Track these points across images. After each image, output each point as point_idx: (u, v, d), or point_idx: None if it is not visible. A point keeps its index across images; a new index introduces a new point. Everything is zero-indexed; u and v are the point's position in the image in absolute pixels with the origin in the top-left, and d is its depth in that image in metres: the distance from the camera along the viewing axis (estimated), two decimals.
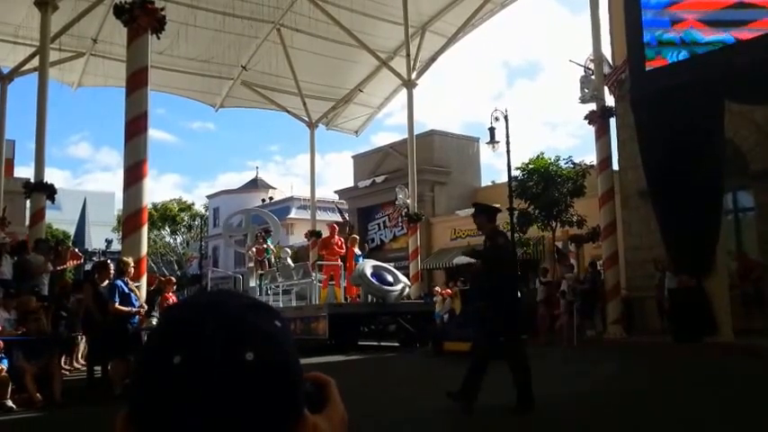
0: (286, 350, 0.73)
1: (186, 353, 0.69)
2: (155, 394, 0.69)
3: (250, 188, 57.50)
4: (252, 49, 22.68)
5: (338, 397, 0.82)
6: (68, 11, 16.94)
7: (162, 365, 0.69)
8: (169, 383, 0.68)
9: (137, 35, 11.14)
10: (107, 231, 52.87)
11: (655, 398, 7.43)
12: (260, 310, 0.76)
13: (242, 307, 0.75)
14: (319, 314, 15.30)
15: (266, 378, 0.69)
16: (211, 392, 0.67)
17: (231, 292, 0.80)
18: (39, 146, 15.47)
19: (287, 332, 0.77)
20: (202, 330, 0.70)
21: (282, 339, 0.74)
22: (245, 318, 0.73)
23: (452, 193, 32.88)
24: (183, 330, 0.71)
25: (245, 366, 0.68)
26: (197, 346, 0.69)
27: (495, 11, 22.01)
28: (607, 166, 17.31)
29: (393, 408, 7.16)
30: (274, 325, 0.75)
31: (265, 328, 0.73)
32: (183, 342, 0.70)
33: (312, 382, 0.81)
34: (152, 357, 0.71)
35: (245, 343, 0.70)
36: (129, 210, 10.97)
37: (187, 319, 0.73)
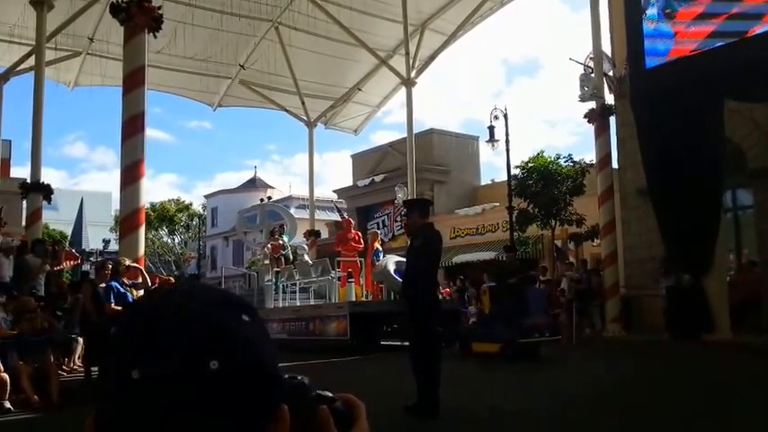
0: (255, 348, 0.69)
1: (145, 367, 0.64)
2: (117, 409, 0.66)
3: (248, 188, 57.41)
4: (250, 47, 22.61)
5: (365, 421, 0.81)
6: (64, 10, 16.87)
7: (121, 380, 0.65)
8: (130, 399, 0.64)
9: (133, 34, 11.07)
10: (104, 231, 52.73)
11: (653, 395, 7.38)
12: (224, 307, 0.71)
13: (204, 307, 0.69)
14: (339, 313, 14.75)
15: (234, 385, 0.66)
16: (174, 407, 0.64)
17: (192, 289, 0.74)
18: (35, 146, 15.41)
19: (257, 326, 0.72)
20: (161, 340, 0.66)
21: (251, 336, 0.70)
22: (208, 320, 0.68)
23: (452, 191, 32.83)
24: (141, 340, 0.67)
25: (209, 377, 0.64)
26: (156, 358, 0.65)
27: (495, 9, 21.94)
28: (607, 164, 17.28)
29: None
30: (242, 321, 0.70)
31: (231, 328, 0.68)
32: (142, 354, 0.66)
33: (344, 402, 0.80)
34: (111, 371, 0.68)
35: (207, 350, 0.65)
36: (127, 210, 10.91)
37: (145, 326, 0.68)
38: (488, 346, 11.84)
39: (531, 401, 7.38)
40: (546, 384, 8.68)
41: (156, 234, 49.95)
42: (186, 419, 0.64)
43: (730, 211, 17.48)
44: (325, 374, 10.02)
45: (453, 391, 7.38)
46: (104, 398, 0.68)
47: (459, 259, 27.83)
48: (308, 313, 15.85)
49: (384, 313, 15.26)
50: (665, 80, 13.80)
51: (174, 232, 52.51)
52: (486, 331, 12.32)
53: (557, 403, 7.16)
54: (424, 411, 6.26)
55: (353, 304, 14.99)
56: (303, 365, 11.25)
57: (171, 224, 51.26)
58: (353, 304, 14.99)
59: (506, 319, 11.72)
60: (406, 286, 7.26)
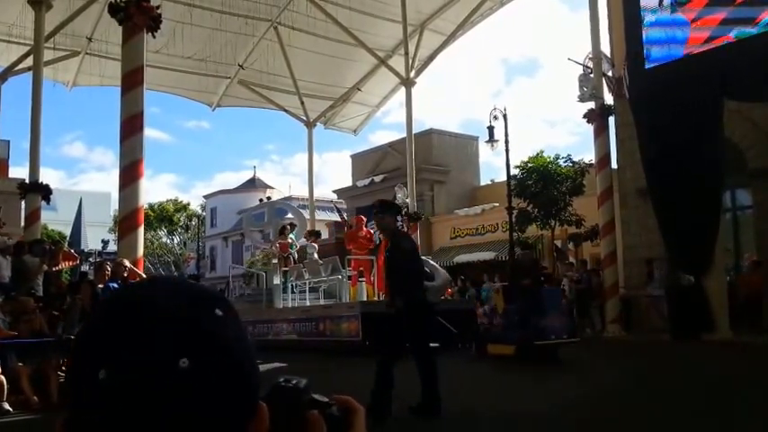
0: (229, 344, 0.66)
1: (112, 366, 0.62)
2: (84, 410, 0.63)
3: (248, 188, 57.38)
4: (249, 47, 22.58)
5: (363, 427, 0.78)
6: (63, 9, 16.85)
7: (88, 380, 0.63)
8: (97, 400, 0.62)
9: (132, 34, 11.03)
10: (103, 232, 52.72)
11: (654, 396, 7.36)
12: (196, 302, 0.67)
13: (174, 301, 0.66)
14: (351, 313, 14.32)
15: (206, 383, 0.63)
16: (143, 408, 0.61)
17: (163, 282, 0.71)
18: (33, 146, 15.36)
19: (230, 321, 0.68)
20: (126, 337, 0.63)
21: (225, 334, 0.67)
22: (178, 316, 0.65)
23: (452, 191, 32.82)
24: (107, 339, 0.64)
25: (178, 375, 0.62)
26: (123, 358, 0.62)
27: (495, 8, 21.92)
28: (606, 164, 17.26)
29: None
30: (215, 316, 0.67)
31: (203, 324, 0.66)
32: (108, 353, 0.63)
33: (340, 407, 0.77)
34: (78, 370, 0.65)
35: (177, 348, 0.63)
36: (126, 210, 10.88)
37: (112, 324, 0.65)
38: (503, 348, 11.36)
39: (532, 403, 7.35)
40: (546, 385, 8.65)
41: (155, 234, 49.91)
42: (156, 420, 0.61)
43: (729, 211, 17.47)
44: (336, 376, 9.92)
45: (460, 393, 7.36)
46: (71, 398, 0.65)
47: (459, 259, 27.82)
48: (318, 313, 15.48)
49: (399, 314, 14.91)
50: (665, 80, 13.79)
51: (174, 233, 52.46)
52: (501, 332, 11.97)
53: (557, 405, 7.13)
54: (429, 410, 6.26)
55: (365, 304, 14.58)
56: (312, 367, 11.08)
57: (170, 224, 51.22)
58: (365, 304, 14.58)
59: (521, 320, 11.30)
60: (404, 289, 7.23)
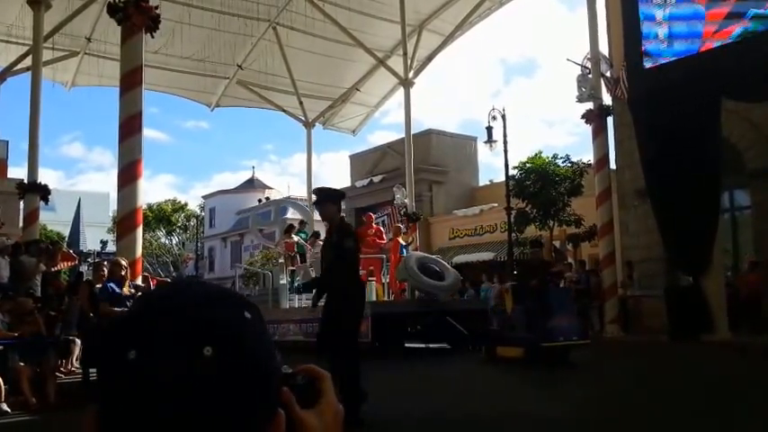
0: (252, 343, 0.70)
1: (140, 347, 0.67)
2: (113, 390, 0.67)
3: (247, 188, 57.42)
4: (248, 47, 22.56)
5: (333, 392, 0.79)
6: (62, 9, 16.81)
7: (118, 361, 0.67)
8: (125, 379, 0.66)
9: (131, 34, 11.02)
10: (102, 232, 52.73)
11: (654, 397, 7.37)
12: (225, 301, 0.73)
13: (203, 298, 0.72)
14: None
15: (227, 373, 0.67)
16: (167, 388, 0.65)
17: (196, 282, 0.76)
18: (32, 146, 15.34)
19: (257, 324, 0.73)
20: (158, 324, 0.68)
21: (249, 332, 0.71)
22: (207, 310, 0.70)
23: (450, 192, 32.84)
24: (139, 324, 0.70)
25: (202, 361, 0.66)
26: (152, 341, 0.67)
27: (494, 9, 21.90)
28: (604, 165, 17.25)
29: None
30: (241, 316, 0.72)
31: (228, 321, 0.70)
32: (138, 337, 0.68)
33: (304, 376, 0.78)
34: (109, 352, 0.69)
35: (203, 337, 0.67)
36: (124, 211, 10.87)
37: (144, 312, 0.71)
38: (512, 351, 10.92)
39: (530, 405, 7.35)
40: (545, 387, 8.65)
41: (154, 235, 49.89)
42: (179, 401, 0.65)
43: (728, 212, 17.50)
44: None
45: (462, 396, 7.37)
46: (101, 381, 0.69)
47: (458, 260, 27.82)
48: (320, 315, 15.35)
49: (409, 314, 14.33)
50: (663, 80, 13.79)
51: (172, 233, 52.44)
52: (510, 334, 11.43)
53: (556, 407, 7.14)
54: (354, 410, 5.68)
55: (375, 305, 14.10)
56: None
57: (169, 225, 51.19)
58: (375, 305, 14.10)
59: (528, 321, 10.88)
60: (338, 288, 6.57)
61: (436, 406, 7.23)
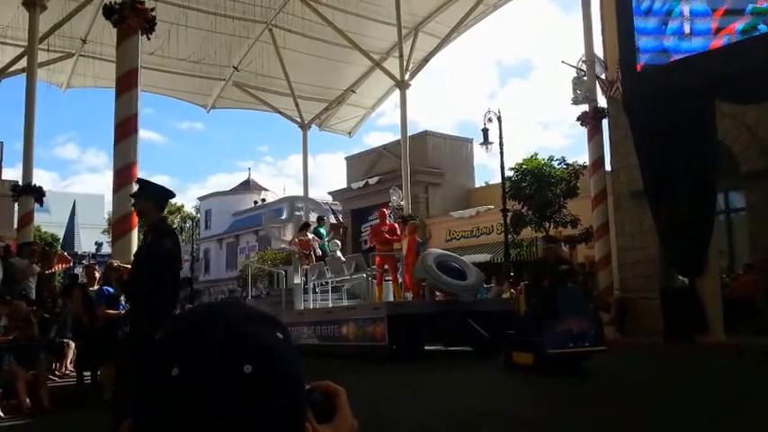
0: (287, 362, 0.74)
1: (184, 365, 0.69)
2: (154, 406, 0.70)
3: (242, 190, 57.37)
4: (243, 49, 22.55)
5: (348, 408, 0.82)
6: (57, 11, 16.78)
7: (161, 377, 0.70)
8: (168, 396, 0.69)
9: (126, 36, 11.01)
10: (97, 234, 52.58)
11: (652, 398, 7.36)
12: (261, 322, 0.76)
13: (242, 319, 0.75)
14: (376, 315, 12.95)
15: (265, 390, 0.70)
16: (210, 405, 0.68)
17: (231, 304, 0.80)
18: (27, 148, 15.31)
19: (289, 344, 0.77)
20: (201, 342, 0.71)
21: (284, 351, 0.75)
22: (245, 330, 0.73)
23: (446, 194, 32.84)
24: (181, 343, 0.72)
25: (243, 379, 0.69)
26: (195, 358, 0.70)
27: (488, 12, 21.95)
28: (600, 166, 17.30)
29: None
30: (276, 337, 0.75)
31: (266, 341, 0.74)
32: (182, 354, 0.71)
33: (321, 392, 0.82)
34: (151, 369, 0.72)
35: (243, 355, 0.70)
36: (119, 213, 10.84)
37: (186, 331, 0.74)
38: (525, 357, 9.97)
39: (527, 408, 7.34)
40: (542, 390, 8.64)
41: None
42: (220, 417, 0.68)
43: (722, 214, 17.53)
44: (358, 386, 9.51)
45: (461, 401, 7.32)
46: (141, 397, 0.72)
47: None
48: (340, 316, 14.27)
49: (428, 315, 13.09)
50: (658, 82, 13.81)
51: None
52: (522, 339, 10.35)
53: (554, 410, 7.13)
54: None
55: (392, 305, 13.42)
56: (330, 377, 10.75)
57: None
58: (392, 305, 13.42)
59: (538, 325, 9.92)
60: (141, 291, 5.63)
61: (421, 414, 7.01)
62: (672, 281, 15.57)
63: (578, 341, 9.51)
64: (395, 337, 12.41)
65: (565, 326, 9.54)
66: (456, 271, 13.58)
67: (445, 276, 13.13)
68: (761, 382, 8.11)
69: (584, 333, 9.63)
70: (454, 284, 13.19)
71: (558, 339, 9.47)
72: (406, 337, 12.65)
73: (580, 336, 9.55)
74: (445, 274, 13.19)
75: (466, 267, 14.09)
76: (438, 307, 13.39)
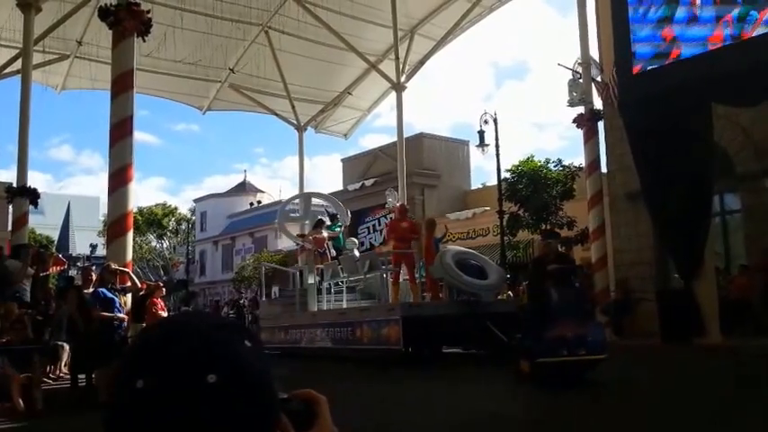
0: (254, 371, 0.74)
1: (148, 377, 0.70)
2: (121, 419, 0.71)
3: (238, 191, 57.27)
4: (239, 51, 22.54)
5: (328, 416, 0.82)
6: (52, 13, 16.73)
7: (126, 390, 0.70)
8: (133, 408, 0.69)
9: (122, 38, 10.97)
10: (92, 236, 52.51)
11: (648, 399, 7.35)
12: (228, 330, 0.76)
13: (208, 328, 0.75)
14: (390, 317, 12.18)
15: (231, 400, 0.70)
16: (174, 416, 0.68)
17: (198, 314, 0.84)
18: (22, 150, 15.25)
19: (258, 352, 0.77)
20: (165, 353, 0.71)
21: (251, 360, 0.74)
22: (210, 339, 0.73)
23: (442, 196, 32.87)
24: (146, 354, 0.73)
25: (207, 389, 0.69)
26: (158, 370, 0.70)
27: (485, 14, 21.96)
28: (595, 168, 17.29)
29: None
30: (243, 345, 0.75)
31: (232, 350, 0.74)
32: (146, 366, 0.71)
33: (301, 400, 0.81)
34: (119, 381, 0.73)
35: (207, 365, 0.70)
36: (115, 215, 10.81)
37: (152, 342, 0.75)
38: (524, 365, 8.92)
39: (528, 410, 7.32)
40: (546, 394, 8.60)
41: (145, 239, 49.70)
42: (186, 426, 0.68)
43: (718, 215, 17.55)
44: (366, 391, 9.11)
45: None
46: (110, 408, 0.72)
47: None
48: (353, 317, 13.57)
49: (445, 317, 12.16)
50: (654, 84, 13.81)
51: (163, 237, 52.25)
52: (522, 344, 9.42)
53: (556, 413, 7.11)
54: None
55: (407, 306, 12.60)
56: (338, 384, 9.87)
57: (159, 228, 51.01)
58: (407, 306, 12.60)
59: (531, 330, 9.16)
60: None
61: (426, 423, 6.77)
62: (668, 282, 15.57)
63: (573, 348, 8.28)
64: (410, 340, 11.76)
65: (558, 331, 8.38)
66: (476, 269, 12.93)
67: (464, 275, 12.41)
68: (758, 385, 8.10)
69: (581, 339, 8.36)
70: (474, 284, 12.50)
71: (550, 346, 8.33)
72: (421, 340, 12.00)
73: (576, 342, 8.32)
74: (464, 272, 12.45)
75: (486, 265, 13.46)
76: (456, 308, 12.53)
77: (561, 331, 8.31)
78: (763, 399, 7.03)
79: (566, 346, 8.24)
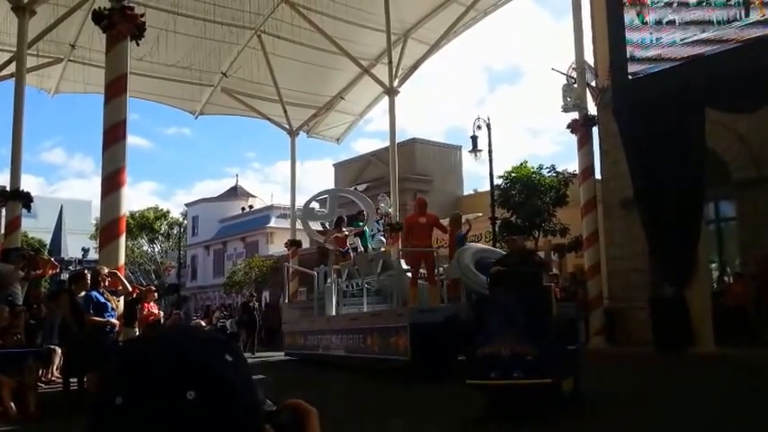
0: (235, 386, 0.73)
1: (127, 393, 0.70)
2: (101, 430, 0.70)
3: (230, 196, 57.07)
4: (232, 55, 22.51)
5: (317, 428, 0.82)
6: (46, 16, 16.68)
7: (106, 407, 0.70)
8: (112, 425, 0.69)
9: (116, 41, 10.93)
10: (84, 240, 52.21)
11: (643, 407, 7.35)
12: (209, 345, 0.76)
13: (188, 343, 0.75)
14: (399, 324, 11.08)
15: (210, 416, 0.70)
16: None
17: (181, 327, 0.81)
18: (15, 153, 15.17)
19: (239, 366, 0.76)
20: (144, 370, 0.71)
21: (232, 374, 0.74)
22: (190, 355, 0.73)
23: (435, 201, 32.64)
24: (125, 370, 0.73)
25: (186, 406, 0.69)
26: (137, 387, 0.70)
27: (478, 18, 22.00)
28: (589, 175, 17.25)
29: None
30: (224, 360, 0.75)
31: (212, 364, 0.73)
32: (125, 382, 0.71)
33: (290, 413, 0.81)
34: (99, 397, 0.72)
35: (186, 381, 0.70)
36: (107, 219, 10.76)
37: (131, 358, 0.74)
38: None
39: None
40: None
41: (136, 243, 49.49)
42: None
43: (713, 223, 17.57)
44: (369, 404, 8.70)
45: None
46: (89, 425, 0.72)
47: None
48: (365, 323, 12.49)
49: (459, 322, 10.61)
50: (647, 90, 13.85)
51: (155, 241, 52.05)
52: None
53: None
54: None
55: (417, 312, 11.30)
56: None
57: (151, 232, 50.81)
58: (417, 312, 11.30)
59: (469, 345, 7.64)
60: None
61: None
62: (661, 290, 15.56)
63: (507, 369, 6.75)
64: (419, 349, 10.55)
65: (491, 347, 6.96)
66: None
67: (482, 276, 11.03)
68: (745, 396, 8.10)
69: (518, 359, 6.77)
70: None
71: (480, 366, 6.95)
72: (431, 349, 10.53)
73: (511, 362, 6.77)
74: (484, 273, 10.89)
75: None
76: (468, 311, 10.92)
77: (495, 348, 6.90)
78: (750, 410, 7.02)
79: (498, 367, 6.77)
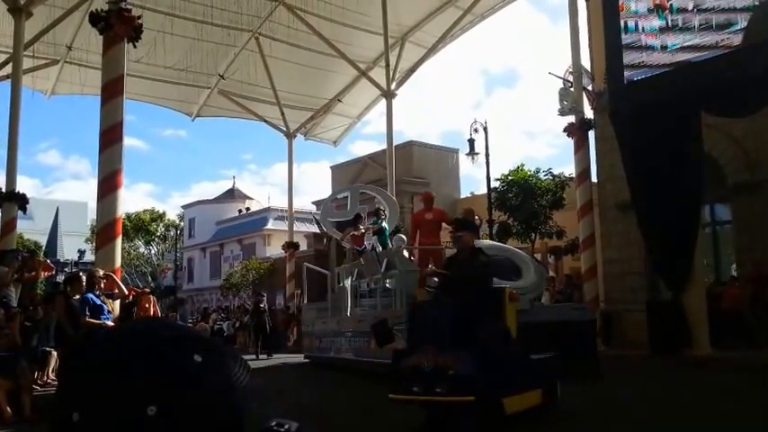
0: (202, 391, 0.68)
1: (84, 410, 0.65)
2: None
3: (226, 198, 57.04)
4: (230, 57, 22.51)
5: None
6: (43, 18, 16.67)
7: (63, 423, 0.66)
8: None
9: (113, 43, 10.93)
10: (80, 242, 52.17)
11: (639, 410, 7.35)
12: (176, 347, 0.69)
13: (152, 347, 0.69)
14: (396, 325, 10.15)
15: (173, 429, 0.65)
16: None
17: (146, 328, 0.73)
18: (11, 155, 15.14)
19: (210, 366, 0.70)
20: (99, 384, 0.66)
21: (199, 378, 0.69)
22: (151, 364, 0.67)
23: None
24: (81, 384, 0.68)
25: (145, 422, 0.64)
26: (95, 403, 0.65)
27: (476, 22, 22.04)
28: (586, 178, 17.29)
29: None
30: (192, 362, 0.69)
31: (177, 371, 0.68)
32: (82, 397, 0.66)
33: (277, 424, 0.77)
34: (55, 413, 0.68)
35: (146, 396, 0.65)
36: (104, 220, 10.75)
37: (87, 371, 0.68)
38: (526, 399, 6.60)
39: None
40: None
41: (133, 245, 49.43)
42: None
43: (709, 226, 17.60)
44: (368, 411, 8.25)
45: None
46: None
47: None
48: (366, 329, 11.59)
49: None
50: (644, 95, 13.86)
51: (151, 243, 51.98)
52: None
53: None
54: None
55: None
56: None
57: (147, 234, 50.74)
58: None
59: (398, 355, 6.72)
60: None
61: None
62: (658, 293, 15.57)
63: (429, 384, 5.88)
64: None
65: (415, 359, 6.10)
66: (511, 268, 10.68)
67: None
68: (738, 399, 8.10)
69: (440, 372, 5.87)
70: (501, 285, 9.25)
71: (403, 379, 6.17)
72: None
73: (433, 376, 5.89)
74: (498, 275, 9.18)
75: (522, 263, 11.11)
76: None
77: (419, 360, 6.05)
78: (747, 413, 7.03)
79: (420, 381, 5.95)
